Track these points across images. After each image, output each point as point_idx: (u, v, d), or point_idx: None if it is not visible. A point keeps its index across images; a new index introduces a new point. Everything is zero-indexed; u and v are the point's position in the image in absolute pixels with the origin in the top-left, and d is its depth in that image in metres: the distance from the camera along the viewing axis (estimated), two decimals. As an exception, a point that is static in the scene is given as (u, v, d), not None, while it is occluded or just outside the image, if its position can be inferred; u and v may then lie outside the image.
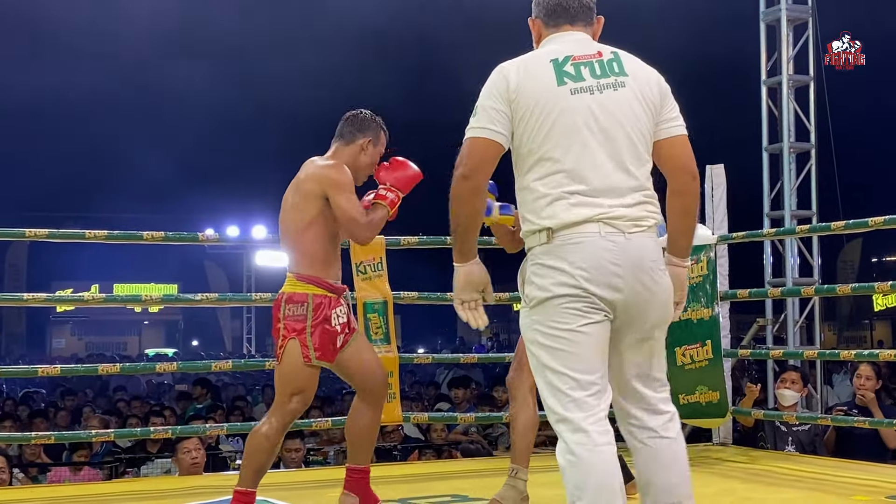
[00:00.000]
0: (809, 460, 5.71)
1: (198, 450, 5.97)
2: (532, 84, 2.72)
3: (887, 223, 5.31)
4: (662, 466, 2.75)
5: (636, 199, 2.70)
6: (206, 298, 5.70)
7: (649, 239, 2.71)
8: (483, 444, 7.15)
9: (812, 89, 8.13)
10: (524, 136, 2.72)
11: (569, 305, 2.65)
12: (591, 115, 2.70)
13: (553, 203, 2.69)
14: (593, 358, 2.66)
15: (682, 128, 2.83)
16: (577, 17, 2.87)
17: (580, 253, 2.65)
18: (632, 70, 2.78)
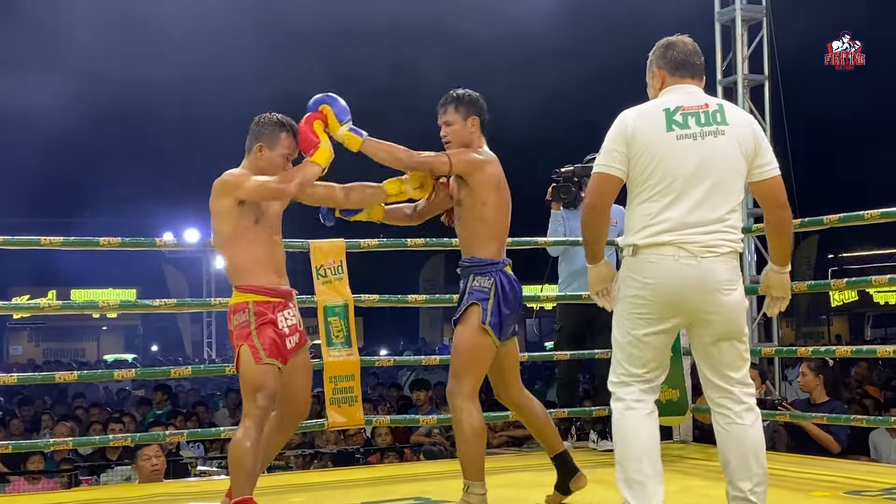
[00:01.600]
0: (768, 457, 5.72)
1: (158, 456, 5.92)
2: (645, 129, 3.33)
3: (842, 220, 5.39)
4: (734, 448, 3.35)
5: (715, 229, 3.27)
6: (164, 304, 5.65)
7: (721, 263, 3.29)
8: (446, 445, 7.15)
9: (767, 89, 8.21)
10: (636, 171, 3.34)
11: (637, 314, 3.35)
12: (691, 159, 3.28)
13: (646, 227, 3.32)
14: (647, 360, 3.39)
15: (775, 170, 3.39)
16: (695, 73, 3.47)
17: (654, 270, 3.29)
18: (732, 121, 3.34)
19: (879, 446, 7.03)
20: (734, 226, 3.33)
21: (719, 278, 3.28)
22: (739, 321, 3.35)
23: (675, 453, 5.82)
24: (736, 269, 3.35)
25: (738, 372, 3.38)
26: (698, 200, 3.27)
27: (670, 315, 3.33)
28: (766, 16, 8.22)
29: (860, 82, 17.92)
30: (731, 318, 3.32)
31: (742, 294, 3.36)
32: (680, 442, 6.17)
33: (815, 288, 6.71)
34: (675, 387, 5.91)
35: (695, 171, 3.28)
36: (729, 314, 3.31)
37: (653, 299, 3.32)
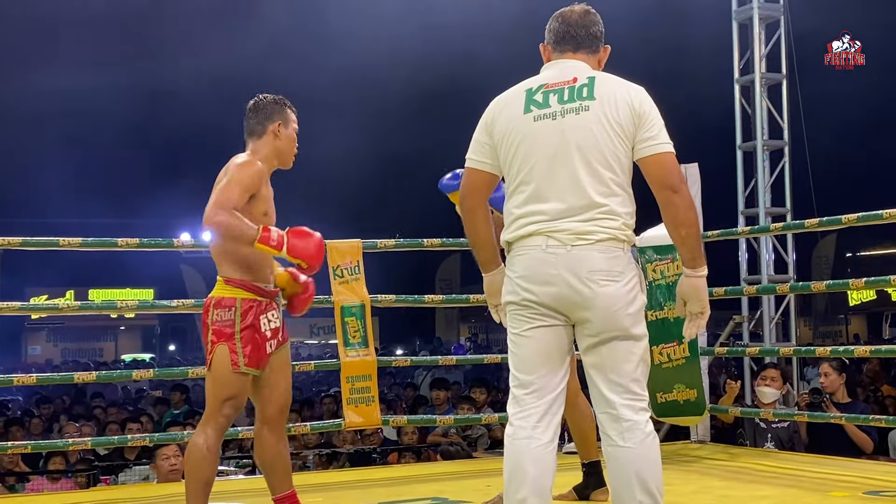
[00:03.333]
0: (788, 457, 5.74)
1: (176, 456, 5.93)
2: (504, 114, 3.02)
3: (860, 220, 5.35)
4: (615, 474, 2.91)
5: (590, 216, 2.90)
6: (182, 305, 5.66)
7: (594, 251, 2.88)
8: (462, 445, 7.14)
9: (785, 87, 8.17)
10: (502, 161, 3.03)
11: (516, 312, 2.97)
12: (550, 140, 2.93)
13: (516, 220, 2.99)
14: (533, 360, 2.94)
15: (661, 146, 2.94)
16: (581, 45, 3.09)
17: (522, 262, 2.95)
18: (601, 94, 2.94)
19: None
20: (613, 211, 2.91)
21: (593, 267, 2.87)
22: (621, 316, 2.89)
23: (693, 453, 5.82)
24: (618, 259, 2.91)
25: (625, 378, 2.91)
26: (565, 185, 2.91)
27: (548, 310, 2.91)
28: (783, 14, 8.18)
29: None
30: (610, 313, 2.88)
31: (629, 287, 2.91)
32: (698, 442, 6.16)
33: (834, 287, 6.66)
34: (692, 386, 5.89)
35: (556, 153, 2.92)
36: (606, 308, 2.87)
37: (527, 294, 2.92)
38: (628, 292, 2.91)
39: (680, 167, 3.00)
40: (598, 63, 3.11)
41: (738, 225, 8.13)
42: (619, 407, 2.89)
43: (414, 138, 22.99)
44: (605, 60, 3.15)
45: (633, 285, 2.94)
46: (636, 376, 2.93)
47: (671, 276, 5.96)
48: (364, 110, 22.56)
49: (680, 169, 2.99)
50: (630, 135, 2.93)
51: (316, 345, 29.94)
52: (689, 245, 2.97)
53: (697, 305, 3.02)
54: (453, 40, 18.09)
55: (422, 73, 19.89)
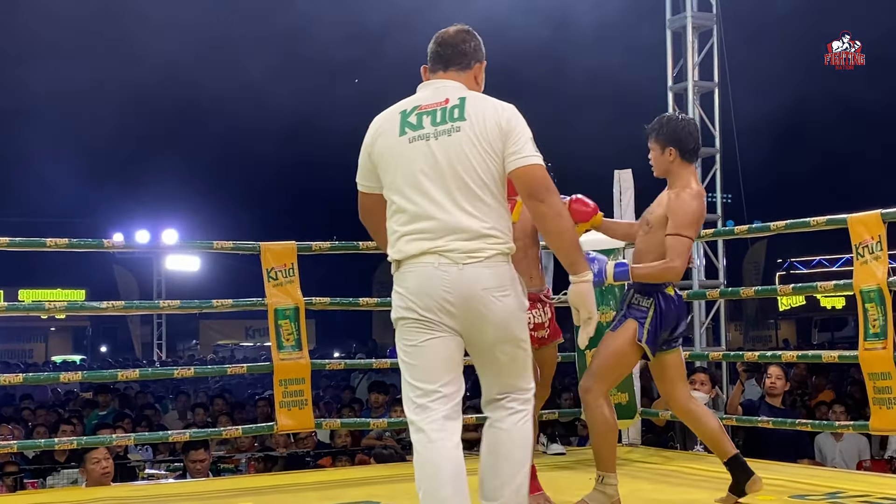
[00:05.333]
0: (717, 460, 5.78)
1: (107, 459, 5.87)
2: (382, 137, 3.15)
3: (789, 227, 5.46)
4: (489, 451, 3.13)
5: (474, 234, 3.03)
6: (112, 306, 5.58)
7: (484, 268, 3.04)
8: (396, 448, 7.13)
9: (717, 95, 8.29)
10: (383, 184, 3.16)
11: (411, 326, 3.09)
12: (426, 161, 3.06)
13: (400, 239, 3.10)
14: (435, 369, 3.07)
15: (527, 158, 3.07)
16: (451, 64, 3.21)
17: (414, 279, 3.07)
18: (471, 114, 3.07)
19: (824, 449, 7.13)
20: (495, 228, 3.06)
21: (485, 284, 3.03)
22: (513, 326, 3.10)
23: (624, 456, 5.85)
24: (506, 274, 3.08)
25: (516, 378, 3.15)
26: (447, 205, 3.04)
27: (443, 324, 3.06)
28: (716, 23, 8.31)
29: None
30: (503, 324, 3.07)
31: (515, 300, 3.10)
32: (629, 445, 6.21)
33: (763, 293, 6.79)
34: (624, 390, 5.95)
35: (433, 174, 3.05)
36: (500, 321, 3.06)
37: (420, 310, 3.06)
38: (517, 302, 3.11)
39: (548, 178, 3.11)
40: (472, 79, 3.24)
41: (671, 231, 8.21)
42: (508, 401, 3.15)
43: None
44: (481, 76, 3.27)
45: (519, 297, 3.13)
46: (522, 373, 3.17)
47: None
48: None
49: (548, 180, 3.10)
50: (499, 151, 3.07)
51: (251, 347, 29.70)
52: (564, 251, 3.14)
53: (586, 311, 3.19)
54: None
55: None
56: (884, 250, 4.89)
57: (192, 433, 6.14)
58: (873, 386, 4.93)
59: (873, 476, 5.72)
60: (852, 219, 5.01)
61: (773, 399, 6.51)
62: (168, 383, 14.89)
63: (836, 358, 5.74)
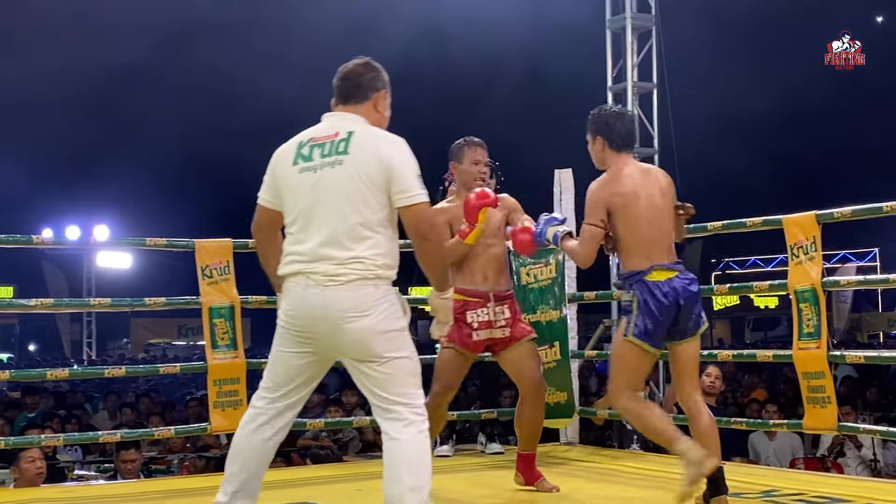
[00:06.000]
0: (653, 458, 5.84)
1: (41, 459, 5.76)
2: (279, 164, 3.44)
3: (726, 227, 5.51)
4: (387, 463, 3.29)
5: (340, 259, 3.29)
6: (41, 304, 5.44)
7: (345, 291, 3.28)
8: (333, 449, 7.06)
9: (655, 96, 8.34)
10: (281, 204, 3.44)
11: (282, 334, 3.42)
12: (310, 193, 3.34)
13: (284, 257, 3.41)
14: (284, 377, 3.42)
15: (412, 198, 3.32)
16: (349, 98, 3.46)
17: (289, 296, 3.37)
18: (355, 150, 3.32)
19: (758, 448, 7.21)
20: (364, 255, 3.30)
21: (343, 307, 3.28)
22: (371, 345, 3.30)
23: (562, 455, 5.87)
24: (367, 297, 3.30)
25: (391, 392, 3.33)
26: (321, 235, 3.31)
27: (306, 342, 3.37)
28: (655, 24, 8.35)
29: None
30: (360, 344, 3.30)
31: (379, 320, 3.30)
32: (566, 444, 6.22)
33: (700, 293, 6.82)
34: (562, 389, 5.95)
35: (314, 203, 3.33)
36: (356, 341, 3.30)
37: (290, 325, 3.39)
38: (378, 324, 3.30)
39: (432, 213, 3.44)
40: (372, 109, 3.47)
41: (609, 230, 8.24)
42: (394, 413, 3.32)
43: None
44: (381, 105, 3.50)
45: (383, 317, 3.31)
46: (403, 391, 3.33)
47: (544, 279, 6.01)
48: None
49: (431, 215, 3.41)
50: (380, 185, 3.31)
51: (184, 346, 29.28)
52: (436, 277, 3.48)
53: (444, 317, 3.60)
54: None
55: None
56: (818, 251, 4.96)
57: (123, 433, 6.02)
58: (807, 385, 4.99)
59: (807, 474, 5.80)
60: (788, 220, 5.08)
61: (709, 398, 6.55)
62: (98, 383, 14.61)
63: (770, 357, 5.81)
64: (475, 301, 4.57)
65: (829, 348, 4.93)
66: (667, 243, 4.10)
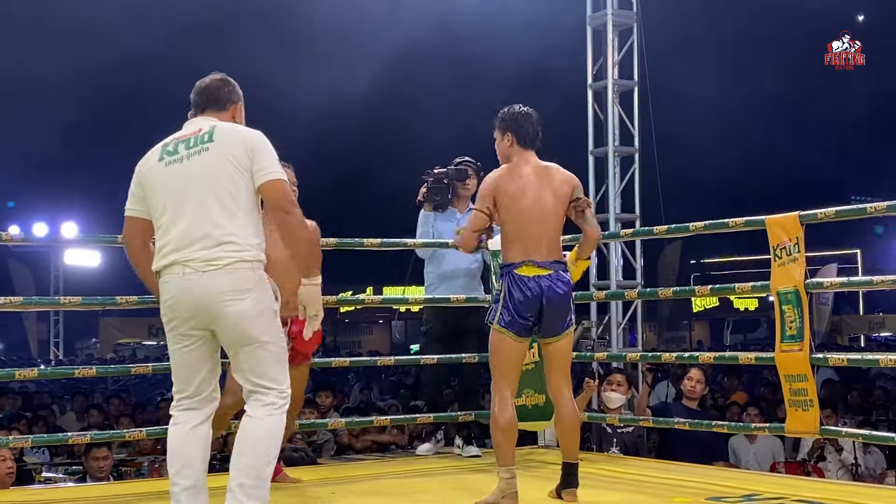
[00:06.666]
0: (632, 462, 5.78)
1: (11, 459, 5.72)
2: (145, 166, 3.61)
3: (707, 228, 5.44)
4: (240, 439, 3.49)
5: (215, 242, 3.42)
6: (10, 302, 5.32)
7: (223, 274, 3.42)
8: (307, 451, 6.94)
9: (636, 94, 8.26)
10: (150, 207, 3.59)
11: (170, 333, 3.56)
12: (177, 179, 3.50)
13: (159, 251, 3.53)
14: (186, 373, 3.57)
15: (271, 174, 3.50)
16: (206, 108, 3.67)
17: (168, 289, 3.50)
18: (220, 137, 3.52)
19: (739, 452, 7.15)
20: (239, 236, 3.45)
21: (220, 289, 3.42)
22: (249, 328, 3.46)
23: (540, 458, 5.80)
24: (244, 279, 3.45)
25: (260, 377, 3.50)
26: (192, 217, 3.45)
27: (191, 329, 3.50)
28: (636, 21, 8.27)
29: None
30: (238, 327, 3.45)
31: (255, 303, 3.46)
32: (544, 447, 6.14)
33: (681, 294, 6.78)
34: (540, 391, 5.86)
35: (182, 189, 3.48)
36: (235, 324, 3.44)
37: (173, 317, 3.51)
38: (255, 306, 3.46)
39: (290, 193, 3.58)
40: (230, 118, 3.68)
41: (589, 230, 8.16)
42: (262, 394, 3.49)
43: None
44: (239, 115, 3.72)
45: (260, 299, 3.48)
46: (271, 374, 3.51)
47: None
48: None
49: (291, 194, 3.55)
50: (246, 166, 3.48)
51: (154, 346, 28.98)
52: (302, 257, 3.61)
53: (313, 309, 3.65)
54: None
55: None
56: (801, 252, 4.90)
57: (93, 435, 5.89)
58: (789, 388, 4.93)
59: (788, 478, 5.76)
60: (770, 220, 5.02)
61: (691, 402, 6.50)
62: (65, 384, 14.41)
63: (752, 360, 5.75)
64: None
65: (812, 351, 4.87)
66: (548, 242, 4.29)
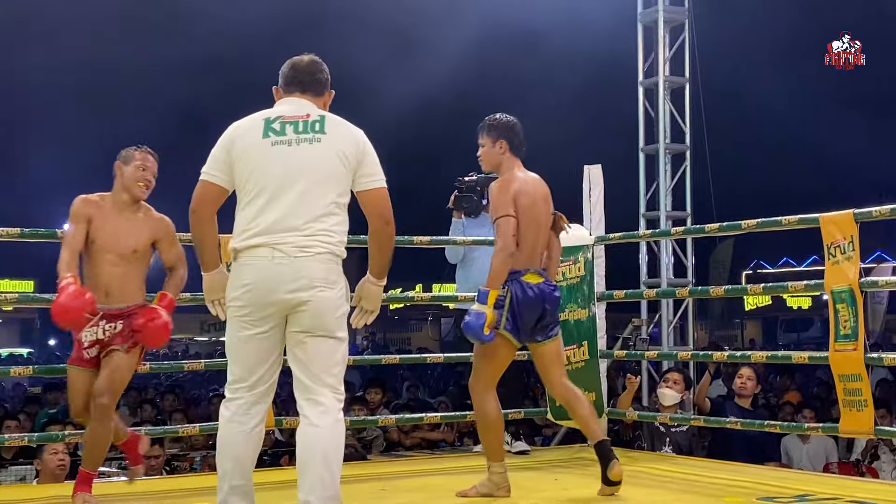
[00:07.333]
0: (684, 461, 5.74)
1: (64, 452, 5.77)
2: (244, 137, 3.49)
3: (760, 226, 5.37)
4: (305, 448, 3.40)
5: (311, 232, 3.39)
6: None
7: (315, 262, 3.39)
8: (357, 447, 6.99)
9: (688, 91, 8.20)
10: (237, 178, 3.47)
11: (240, 318, 3.44)
12: (283, 165, 3.42)
13: (244, 231, 3.44)
14: (252, 363, 3.45)
15: (379, 181, 3.53)
16: (307, 89, 3.62)
17: (250, 272, 3.41)
18: (332, 131, 3.49)
19: (791, 452, 7.08)
20: (331, 229, 3.44)
21: (312, 275, 3.38)
22: (328, 320, 3.42)
23: (590, 457, 5.75)
24: (333, 271, 3.44)
25: (325, 373, 3.44)
26: (291, 203, 3.40)
27: (268, 315, 3.41)
28: (688, 17, 8.21)
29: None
30: (319, 316, 3.40)
31: (339, 296, 3.44)
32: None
33: (733, 293, 6.73)
34: (590, 389, 5.84)
35: (286, 174, 3.41)
36: (318, 312, 3.39)
37: (251, 301, 3.41)
38: (339, 299, 3.45)
39: (390, 202, 3.53)
40: (323, 105, 3.63)
41: (640, 228, 8.15)
42: (318, 395, 3.41)
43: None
44: (329, 103, 3.67)
45: (342, 294, 3.47)
46: (334, 372, 3.45)
47: (573, 277, 5.92)
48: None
49: (390, 203, 3.53)
50: (353, 168, 3.47)
51: (206, 342, 29.30)
52: (384, 264, 3.58)
53: (371, 305, 3.62)
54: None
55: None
56: (855, 251, 4.83)
57: (147, 430, 5.96)
58: (843, 388, 4.87)
59: (841, 479, 5.68)
60: (825, 218, 4.95)
61: (743, 400, 6.44)
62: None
63: (806, 359, 5.68)
64: (90, 318, 4.41)
65: (867, 350, 4.80)
66: (540, 250, 4.43)
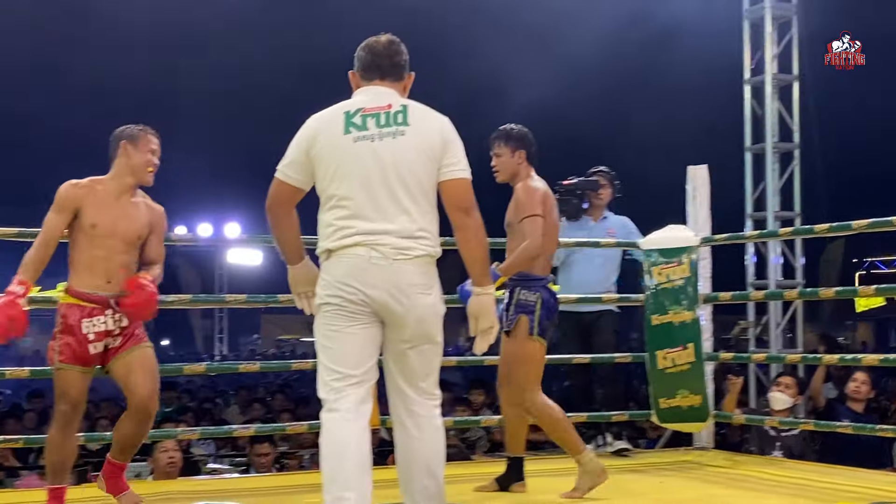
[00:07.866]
0: (794, 465, 5.64)
1: (175, 450, 5.89)
2: (325, 133, 3.30)
3: (871, 226, 5.23)
4: (406, 459, 3.33)
5: (408, 233, 3.24)
6: (179, 300, 5.60)
7: (414, 266, 3.24)
8: (461, 447, 7.03)
9: (796, 89, 8.04)
10: (320, 176, 3.30)
11: (335, 312, 3.26)
12: (369, 160, 3.24)
13: (337, 231, 3.27)
14: (354, 354, 3.26)
15: (461, 171, 3.32)
16: (386, 74, 3.40)
17: (344, 267, 3.24)
18: (415, 121, 3.30)
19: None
20: (427, 230, 3.28)
21: (411, 280, 3.23)
22: (430, 325, 3.29)
23: (696, 460, 5.71)
24: (430, 275, 3.30)
25: (424, 380, 3.32)
26: (385, 204, 3.24)
27: (366, 313, 3.25)
28: (795, 13, 8.06)
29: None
30: (422, 322, 3.27)
31: (437, 300, 3.30)
32: (700, 449, 6.04)
33: (843, 294, 6.55)
34: (696, 392, 5.78)
35: (373, 173, 3.24)
36: (421, 318, 3.26)
37: (348, 298, 3.24)
38: (438, 303, 3.31)
39: (472, 193, 3.33)
40: (403, 89, 3.44)
41: (746, 229, 8.01)
42: (417, 404, 3.30)
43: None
44: (409, 87, 3.48)
45: (439, 296, 3.33)
46: (433, 378, 3.34)
47: (677, 279, 5.85)
48: None
49: (473, 194, 3.33)
50: (438, 158, 3.29)
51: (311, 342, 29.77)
52: (479, 263, 3.36)
53: (486, 322, 3.40)
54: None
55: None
56: (974, 250, 4.67)
57: (256, 428, 6.11)
58: (962, 392, 4.71)
59: (959, 487, 5.49)
60: (939, 217, 4.80)
61: (857, 404, 6.30)
62: (229, 378, 14.95)
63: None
64: (93, 308, 4.09)
65: None
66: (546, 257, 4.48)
